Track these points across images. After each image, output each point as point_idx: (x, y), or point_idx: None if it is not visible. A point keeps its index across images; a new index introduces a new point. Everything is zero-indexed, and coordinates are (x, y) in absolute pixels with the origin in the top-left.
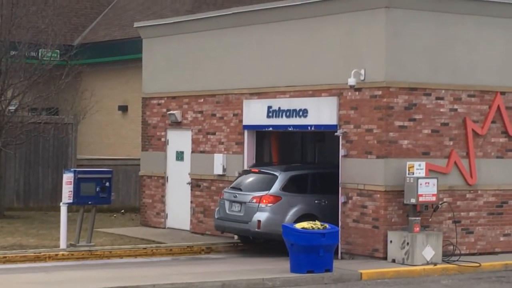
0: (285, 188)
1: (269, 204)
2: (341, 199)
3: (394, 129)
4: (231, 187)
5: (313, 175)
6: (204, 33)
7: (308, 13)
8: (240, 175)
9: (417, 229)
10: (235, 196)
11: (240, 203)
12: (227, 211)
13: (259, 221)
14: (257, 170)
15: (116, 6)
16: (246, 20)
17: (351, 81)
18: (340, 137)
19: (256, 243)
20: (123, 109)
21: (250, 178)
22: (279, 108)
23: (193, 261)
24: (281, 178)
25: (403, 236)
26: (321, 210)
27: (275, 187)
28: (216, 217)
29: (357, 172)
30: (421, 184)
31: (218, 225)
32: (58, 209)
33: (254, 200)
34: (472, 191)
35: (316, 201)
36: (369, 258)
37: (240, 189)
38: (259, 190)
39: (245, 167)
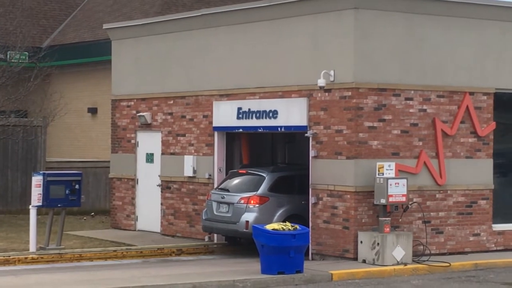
0: (272, 188)
1: (257, 205)
2: (312, 200)
3: (363, 129)
4: (218, 188)
5: (301, 176)
6: (173, 35)
7: (277, 14)
8: (226, 176)
9: (387, 229)
10: (223, 197)
11: (228, 204)
12: (215, 212)
13: (247, 221)
14: (244, 171)
15: (85, 7)
16: (214, 22)
17: (321, 82)
18: (310, 138)
19: (230, 244)
20: (93, 111)
21: (237, 179)
22: (249, 109)
23: (164, 263)
24: (268, 178)
25: (373, 237)
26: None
27: (263, 188)
28: (203, 218)
29: (327, 173)
30: (391, 185)
31: (205, 226)
32: (27, 212)
33: (242, 201)
34: (441, 191)
35: (303, 202)
36: (339, 258)
37: (227, 190)
38: (246, 191)
39: (215, 169)
